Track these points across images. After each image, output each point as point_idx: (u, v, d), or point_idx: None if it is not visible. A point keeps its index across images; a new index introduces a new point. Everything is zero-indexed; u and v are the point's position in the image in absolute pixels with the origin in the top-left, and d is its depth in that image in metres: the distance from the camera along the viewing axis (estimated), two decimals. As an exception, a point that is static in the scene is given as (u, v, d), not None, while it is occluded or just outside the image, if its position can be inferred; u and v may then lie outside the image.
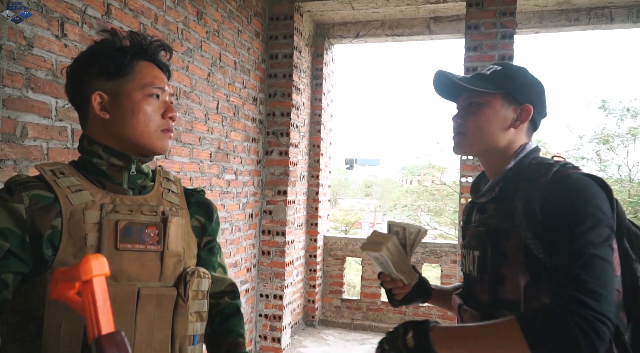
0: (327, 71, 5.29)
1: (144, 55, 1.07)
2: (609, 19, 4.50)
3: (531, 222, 1.05)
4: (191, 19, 3.05)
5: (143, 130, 1.04)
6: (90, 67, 1.04)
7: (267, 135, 4.26)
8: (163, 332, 1.02)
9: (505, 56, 3.79)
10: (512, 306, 1.08)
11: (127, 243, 1.00)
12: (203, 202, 1.23)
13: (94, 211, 0.98)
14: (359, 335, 5.02)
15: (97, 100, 1.03)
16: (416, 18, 4.90)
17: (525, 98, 1.17)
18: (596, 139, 15.51)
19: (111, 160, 1.05)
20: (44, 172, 0.99)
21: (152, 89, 1.05)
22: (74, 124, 2.11)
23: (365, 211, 32.12)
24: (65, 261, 0.94)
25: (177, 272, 1.07)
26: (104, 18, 2.27)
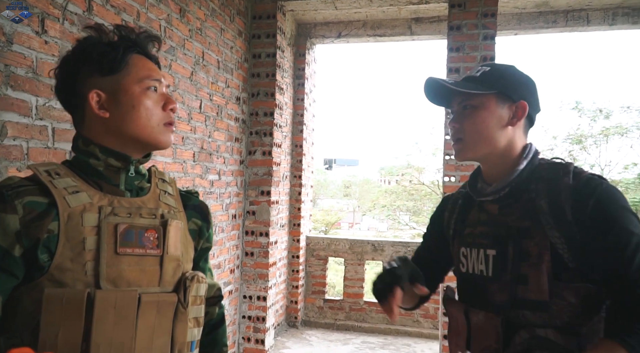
0: (309, 71, 5.28)
1: (135, 48, 1.04)
2: (585, 21, 4.60)
3: (560, 221, 1.06)
4: (174, 17, 3.00)
5: (145, 125, 1.01)
6: (82, 66, 1.00)
7: (250, 135, 4.22)
8: (163, 339, 0.99)
9: (487, 57, 3.84)
10: (536, 306, 1.08)
11: (127, 248, 0.96)
12: (199, 206, 1.20)
13: (92, 214, 0.94)
14: (341, 335, 5.02)
15: (95, 99, 0.99)
16: (398, 19, 4.93)
17: (519, 95, 1.17)
18: (569, 139, 15.85)
19: (109, 161, 1.01)
20: (38, 173, 0.95)
21: (150, 81, 1.02)
22: (54, 122, 2.05)
23: (345, 211, 32.21)
24: (63, 265, 0.90)
25: (176, 277, 1.04)
26: (86, 14, 2.22)
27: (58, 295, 0.88)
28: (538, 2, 4.43)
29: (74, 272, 0.90)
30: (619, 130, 14.99)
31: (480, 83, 1.17)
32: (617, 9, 4.51)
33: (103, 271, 0.92)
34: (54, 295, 0.88)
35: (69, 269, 0.90)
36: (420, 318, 5.04)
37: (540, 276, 1.07)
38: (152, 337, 0.96)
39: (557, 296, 1.06)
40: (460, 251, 1.27)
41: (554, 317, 1.06)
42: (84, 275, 0.91)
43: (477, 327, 1.17)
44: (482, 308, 1.17)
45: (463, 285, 1.28)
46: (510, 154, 1.19)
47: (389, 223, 23.04)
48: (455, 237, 1.31)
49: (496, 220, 1.18)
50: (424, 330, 4.99)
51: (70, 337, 0.88)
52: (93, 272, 0.91)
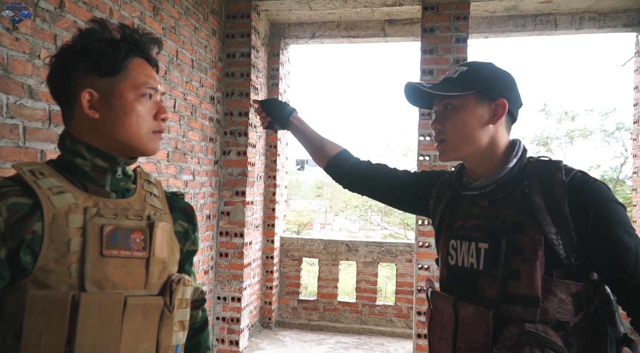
0: (283, 71, 5.27)
1: (137, 51, 1.02)
2: (553, 25, 4.74)
3: (557, 217, 1.09)
4: (147, 15, 2.96)
5: (135, 132, 1.00)
6: (81, 62, 0.97)
7: (225, 135, 4.19)
8: (148, 343, 0.97)
9: (460, 59, 3.91)
10: (527, 301, 1.09)
11: (113, 250, 0.94)
12: (185, 208, 1.19)
13: (77, 215, 0.93)
14: (315, 335, 5.03)
15: (87, 98, 0.97)
16: (371, 20, 4.97)
17: (497, 93, 1.18)
18: (536, 141, 16.26)
19: (95, 161, 0.99)
20: (22, 173, 0.93)
21: (146, 89, 1.00)
22: (25, 121, 2.00)
23: (317, 212, 32.21)
24: (47, 267, 0.88)
25: (162, 279, 1.02)
26: (57, 11, 2.17)
27: (42, 297, 0.86)
28: (508, 6, 4.54)
29: (58, 274, 0.89)
30: (583, 132, 15.45)
31: (458, 84, 1.19)
32: (584, 13, 4.66)
33: (88, 273, 0.91)
34: (37, 297, 0.86)
35: (53, 271, 0.88)
36: (394, 317, 5.09)
37: (533, 271, 1.08)
38: (137, 340, 0.95)
39: (548, 292, 1.08)
40: (450, 243, 1.26)
41: (544, 313, 1.08)
42: (68, 277, 0.89)
43: (465, 320, 1.16)
44: (471, 301, 1.17)
45: (450, 278, 1.27)
46: (494, 151, 1.21)
47: (361, 223, 23.18)
48: (442, 228, 1.32)
49: (489, 214, 1.19)
50: (397, 329, 5.05)
51: (54, 340, 0.86)
52: (78, 274, 0.90)
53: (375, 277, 5.20)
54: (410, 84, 1.23)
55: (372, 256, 5.17)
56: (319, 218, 33.08)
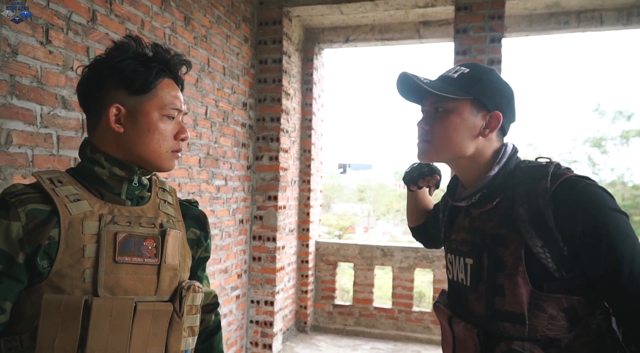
0: (317, 76, 5.29)
1: (167, 71, 1.06)
2: (599, 21, 4.54)
3: (541, 229, 1.01)
4: (178, 25, 3.04)
5: (155, 149, 1.03)
6: (113, 77, 1.01)
7: (257, 141, 4.25)
8: (157, 348, 1.00)
9: (494, 60, 3.81)
10: (514, 318, 1.04)
11: (126, 256, 0.98)
12: (198, 216, 1.22)
13: (92, 222, 0.97)
14: (351, 341, 5.00)
15: (114, 113, 1.01)
16: (406, 22, 4.92)
17: (494, 104, 1.11)
18: (589, 142, 15.60)
19: (114, 170, 1.03)
20: (42, 180, 0.97)
21: (170, 110, 1.04)
22: (59, 130, 2.09)
23: (359, 216, 32.13)
24: (62, 272, 0.92)
25: (173, 286, 1.05)
26: (90, 24, 2.26)
27: (56, 301, 0.90)
28: (549, 3, 4.38)
29: (72, 279, 0.93)
30: None
31: (456, 85, 1.11)
32: (632, 8, 4.44)
33: (101, 279, 0.94)
34: (52, 301, 0.90)
35: (67, 276, 0.92)
36: (431, 324, 5.00)
37: (516, 287, 1.03)
38: (146, 345, 0.97)
39: (536, 308, 1.02)
40: (447, 257, 1.24)
41: (533, 330, 1.02)
42: (82, 282, 0.93)
43: (459, 337, 1.14)
44: (462, 318, 1.14)
45: (450, 292, 1.25)
46: (479, 160, 1.14)
47: (404, 227, 22.92)
48: (445, 240, 1.29)
49: (474, 227, 1.14)
50: (434, 336, 4.95)
51: (67, 342, 0.90)
52: (91, 279, 0.94)
53: (411, 282, 5.12)
54: (405, 74, 1.14)
55: (408, 261, 5.10)
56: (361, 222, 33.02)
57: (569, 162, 16.00)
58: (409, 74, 1.14)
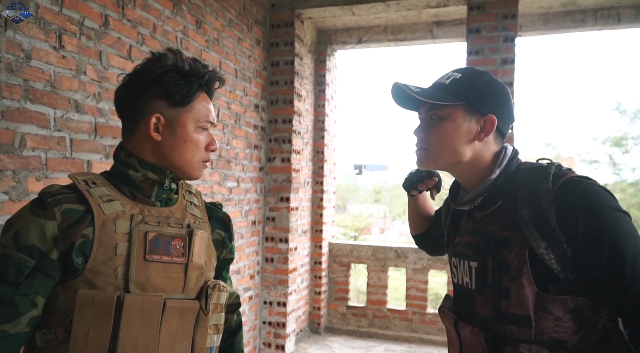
0: (330, 77, 5.30)
1: (203, 86, 1.11)
2: (616, 19, 4.46)
3: (544, 231, 1.01)
4: (190, 28, 3.07)
5: (188, 159, 1.09)
6: (154, 88, 1.06)
7: (270, 142, 4.27)
8: (184, 344, 1.04)
9: (508, 59, 3.78)
10: (520, 321, 1.03)
11: (155, 255, 1.03)
12: (223, 218, 1.27)
13: (124, 221, 1.02)
14: (364, 342, 4.99)
15: (154, 122, 1.06)
16: (418, 22, 4.90)
17: (488, 108, 1.11)
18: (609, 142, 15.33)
19: (147, 173, 1.08)
20: (77, 182, 1.03)
21: (205, 123, 1.10)
22: (72, 133, 2.13)
23: (375, 217, 32.01)
24: (96, 269, 0.97)
25: (199, 284, 1.10)
26: (102, 29, 2.30)
27: (90, 296, 0.96)
28: (564, 2, 4.32)
29: (105, 276, 0.98)
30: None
31: (449, 92, 1.11)
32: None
33: (132, 276, 0.99)
34: (86, 297, 0.95)
35: (101, 272, 0.98)
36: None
37: (521, 290, 1.02)
38: (174, 341, 1.02)
39: (542, 310, 1.01)
40: (452, 261, 1.23)
41: (539, 332, 1.02)
42: (114, 279, 0.98)
43: (466, 341, 1.13)
44: (469, 321, 1.14)
45: (455, 296, 1.23)
46: (479, 164, 1.14)
47: (420, 228, 22.73)
48: (449, 245, 1.28)
49: (478, 230, 1.14)
50: (448, 337, 4.92)
51: (100, 336, 0.95)
52: (123, 276, 0.99)
53: (425, 284, 5.09)
54: (397, 84, 1.15)
55: (422, 263, 5.07)
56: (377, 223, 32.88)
57: (590, 162, 15.74)
58: (400, 84, 1.15)
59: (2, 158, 1.82)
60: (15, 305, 0.93)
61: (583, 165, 15.88)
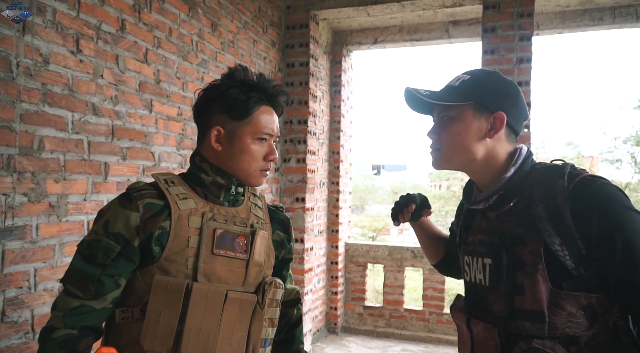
0: (345, 78, 5.30)
1: (265, 100, 1.20)
2: (634, 17, 4.38)
3: (559, 228, 1.03)
4: (206, 31, 3.11)
5: (245, 169, 1.19)
6: (218, 102, 1.18)
7: (285, 143, 4.29)
8: (241, 333, 1.15)
9: (524, 58, 3.73)
10: (534, 316, 1.05)
11: (221, 249, 1.15)
12: (283, 220, 1.37)
13: (196, 217, 1.14)
14: (381, 342, 4.98)
15: (214, 134, 1.18)
16: (435, 22, 4.87)
17: (496, 106, 1.13)
18: (631, 141, 15.03)
19: (216, 178, 1.19)
20: (158, 181, 1.16)
21: (262, 135, 1.18)
22: (90, 136, 2.18)
23: (393, 217, 31.86)
24: (170, 258, 1.10)
25: (258, 280, 1.21)
26: (119, 33, 2.35)
27: (164, 282, 1.08)
28: (582, 0, 4.26)
29: (178, 264, 1.10)
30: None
31: (458, 93, 1.15)
32: (669, 2, 4.27)
33: (201, 267, 1.11)
34: (161, 282, 1.08)
35: (174, 261, 1.10)
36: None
37: (536, 285, 1.04)
38: (232, 329, 1.13)
39: (555, 306, 1.03)
40: (464, 260, 1.25)
41: (553, 328, 1.03)
42: (185, 268, 1.10)
43: (478, 337, 1.15)
44: (481, 318, 1.15)
45: (467, 294, 1.25)
46: (493, 163, 1.16)
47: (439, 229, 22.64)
48: (461, 244, 1.30)
49: (492, 228, 1.15)
50: (466, 338, 4.88)
51: (170, 318, 1.07)
52: (193, 266, 1.11)
53: (442, 284, 5.06)
54: (408, 89, 1.20)
55: (439, 263, 5.03)
56: (395, 223, 32.67)
57: (612, 162, 15.43)
58: (410, 89, 1.19)
59: (21, 160, 1.87)
60: (102, 284, 1.07)
61: (605, 165, 15.59)
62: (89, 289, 1.06)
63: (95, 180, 2.22)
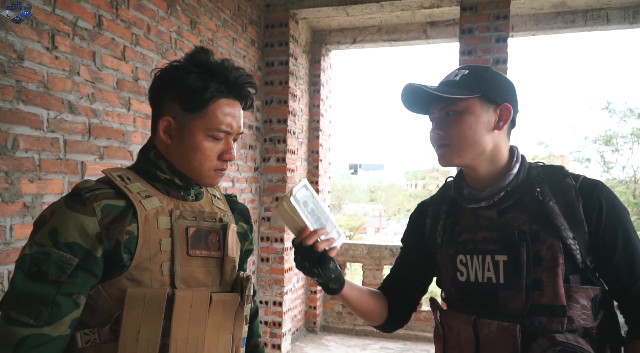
0: (324, 77, 5.30)
1: (225, 92, 1.04)
2: (605, 20, 4.50)
3: (573, 222, 1.07)
4: (185, 29, 3.07)
5: (196, 167, 1.04)
6: (171, 89, 1.03)
7: (265, 142, 4.27)
8: (226, 336, 1.07)
9: (500, 59, 3.80)
10: (553, 311, 1.05)
11: (197, 250, 1.04)
12: (243, 210, 1.27)
13: (164, 217, 1.01)
14: (360, 340, 5.00)
15: (164, 125, 1.04)
16: (412, 23, 4.92)
17: (502, 97, 1.13)
18: (600, 140, 15.45)
19: (174, 179, 1.07)
20: (113, 178, 1.00)
21: (217, 132, 1.03)
22: (65, 134, 2.13)
23: (369, 216, 32.07)
24: (142, 265, 0.96)
25: (233, 277, 1.11)
26: (96, 29, 2.30)
27: (141, 293, 0.94)
28: (555, 3, 4.35)
29: (151, 272, 0.97)
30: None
31: (461, 87, 1.12)
32: (638, 7, 4.39)
33: (178, 271, 1.00)
34: (136, 294, 0.94)
35: (147, 269, 0.97)
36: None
37: (556, 279, 1.06)
38: (218, 333, 1.04)
39: (570, 299, 1.05)
40: (458, 259, 1.18)
41: (570, 321, 1.05)
42: (160, 274, 0.98)
43: (488, 338, 1.09)
44: (493, 317, 1.10)
45: (463, 295, 1.19)
46: (498, 158, 1.16)
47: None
48: (444, 244, 1.24)
49: (503, 224, 1.14)
50: (443, 336, 4.94)
51: (151, 333, 0.94)
52: (169, 272, 0.99)
53: (420, 282, 5.11)
54: (410, 85, 1.15)
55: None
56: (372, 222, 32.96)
57: (581, 161, 15.85)
58: (415, 84, 1.15)
59: (-4, 159, 1.82)
60: (58, 305, 0.89)
61: (575, 164, 16.00)
62: (42, 314, 0.88)
63: (72, 180, 2.17)
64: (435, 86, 1.16)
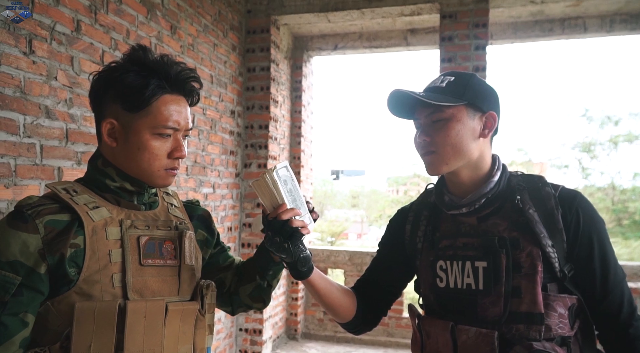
0: (306, 83, 5.31)
1: (168, 88, 1.01)
2: (582, 28, 4.60)
3: (552, 230, 1.09)
4: (165, 34, 3.05)
5: (145, 168, 1.02)
6: (110, 90, 1.00)
7: (246, 148, 4.26)
8: (187, 346, 1.04)
9: (479, 67, 3.85)
10: (531, 319, 1.05)
11: (150, 259, 1.02)
12: (203, 216, 1.24)
13: (114, 227, 0.99)
14: (342, 347, 4.99)
15: (107, 127, 1.01)
16: (393, 30, 4.96)
17: (487, 106, 1.14)
18: (578, 147, 15.75)
19: (124, 185, 1.04)
20: (57, 191, 0.97)
21: (164, 129, 1.01)
22: (42, 140, 2.09)
23: (351, 221, 32.13)
24: (91, 278, 0.94)
25: (192, 285, 1.09)
26: (74, 34, 2.27)
27: (90, 307, 0.91)
28: (533, 11, 4.44)
29: (102, 284, 0.94)
30: (628, 137, 14.87)
31: (448, 94, 1.13)
32: (615, 15, 4.51)
33: (130, 282, 0.97)
34: (85, 309, 0.91)
35: (96, 281, 0.94)
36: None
37: (535, 287, 1.06)
38: (177, 344, 1.01)
39: (547, 307, 1.06)
40: (437, 265, 1.18)
41: (548, 329, 1.05)
42: (111, 287, 0.95)
43: (466, 345, 1.09)
44: (471, 324, 1.10)
45: (442, 301, 1.18)
46: (481, 166, 1.17)
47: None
48: (425, 250, 1.24)
49: (483, 231, 1.14)
50: (424, 341, 4.95)
51: (102, 348, 0.91)
52: (120, 283, 0.96)
53: (401, 288, 5.13)
54: (398, 90, 1.15)
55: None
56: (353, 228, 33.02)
57: (560, 167, 16.14)
58: (403, 90, 1.15)
59: (-31, 165, 1.77)
60: (5, 326, 0.88)
61: (553, 170, 16.32)
62: None
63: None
64: (420, 92, 1.16)
